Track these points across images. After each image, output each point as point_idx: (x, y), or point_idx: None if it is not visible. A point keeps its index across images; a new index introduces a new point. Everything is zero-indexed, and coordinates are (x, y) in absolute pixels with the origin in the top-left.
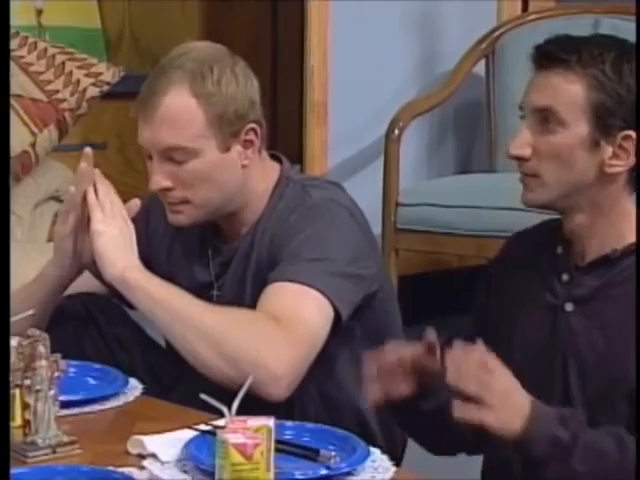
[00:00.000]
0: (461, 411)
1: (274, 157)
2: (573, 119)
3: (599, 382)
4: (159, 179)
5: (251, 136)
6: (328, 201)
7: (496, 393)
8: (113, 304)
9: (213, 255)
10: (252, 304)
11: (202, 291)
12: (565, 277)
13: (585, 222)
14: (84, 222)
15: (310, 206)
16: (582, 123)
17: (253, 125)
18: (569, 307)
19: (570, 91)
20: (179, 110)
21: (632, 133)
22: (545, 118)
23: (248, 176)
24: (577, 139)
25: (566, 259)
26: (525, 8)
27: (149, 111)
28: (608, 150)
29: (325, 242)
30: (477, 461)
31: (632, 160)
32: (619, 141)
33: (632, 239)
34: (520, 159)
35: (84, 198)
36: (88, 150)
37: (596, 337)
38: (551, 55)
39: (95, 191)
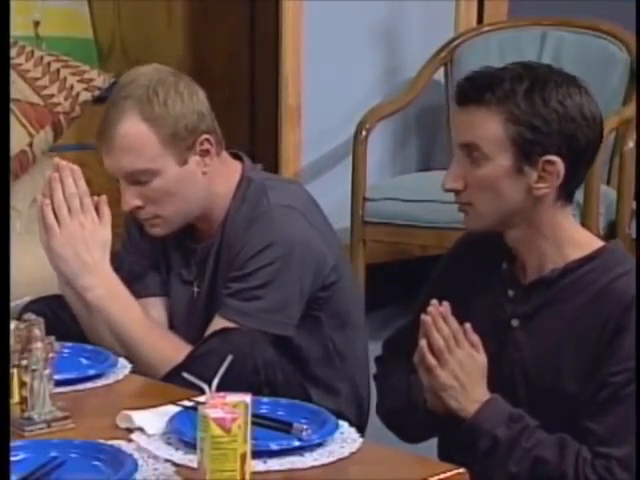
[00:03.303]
0: (424, 362)
1: (235, 155)
2: (495, 152)
3: (542, 390)
4: (129, 200)
5: (206, 145)
6: (283, 207)
7: (465, 367)
8: None
9: (190, 255)
10: None
11: (186, 288)
12: (511, 293)
13: (523, 239)
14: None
15: (265, 214)
16: (504, 155)
17: (206, 136)
18: (515, 323)
19: (489, 127)
20: (133, 137)
21: (553, 157)
22: (470, 153)
23: (211, 181)
24: (502, 170)
25: (511, 276)
26: (480, 21)
27: (107, 142)
28: (533, 175)
29: (275, 275)
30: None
31: (557, 181)
32: (542, 165)
33: (573, 255)
34: (454, 191)
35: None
36: (57, 160)
37: (538, 350)
38: (468, 93)
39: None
